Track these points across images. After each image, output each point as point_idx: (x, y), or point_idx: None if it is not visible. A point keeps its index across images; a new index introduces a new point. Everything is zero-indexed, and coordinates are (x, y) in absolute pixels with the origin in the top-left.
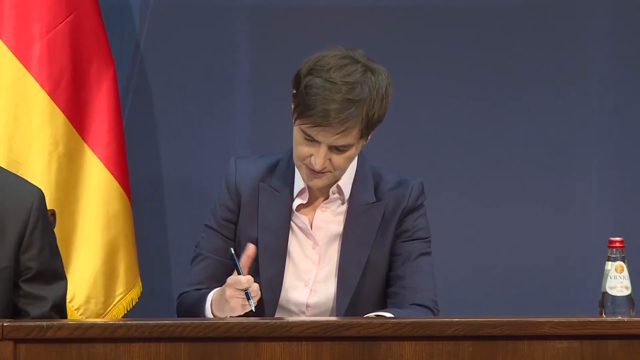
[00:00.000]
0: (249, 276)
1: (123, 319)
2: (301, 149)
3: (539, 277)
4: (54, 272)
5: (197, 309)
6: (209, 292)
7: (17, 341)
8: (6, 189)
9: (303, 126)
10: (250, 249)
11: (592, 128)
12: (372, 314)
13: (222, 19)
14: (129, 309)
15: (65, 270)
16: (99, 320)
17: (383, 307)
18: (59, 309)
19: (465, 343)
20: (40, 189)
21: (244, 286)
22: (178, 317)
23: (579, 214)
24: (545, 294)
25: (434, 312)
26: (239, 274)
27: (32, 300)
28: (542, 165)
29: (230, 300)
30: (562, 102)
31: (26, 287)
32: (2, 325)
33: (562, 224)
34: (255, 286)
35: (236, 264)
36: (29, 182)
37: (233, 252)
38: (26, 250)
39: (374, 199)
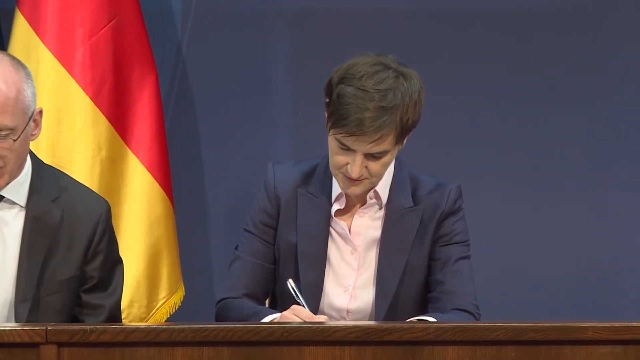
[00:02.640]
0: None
1: (166, 323)
2: (337, 158)
3: (581, 281)
4: (113, 282)
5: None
6: (262, 309)
7: (60, 345)
8: (77, 200)
9: (338, 136)
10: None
11: (635, 129)
12: (414, 319)
13: (263, 23)
14: (171, 313)
15: None
16: (142, 324)
17: (422, 312)
18: (114, 319)
19: (508, 348)
20: (107, 201)
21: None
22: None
23: (622, 218)
24: (588, 298)
25: (476, 317)
26: (298, 303)
27: (89, 310)
28: (585, 169)
29: None
30: (600, 105)
31: (85, 297)
32: (46, 328)
33: (605, 227)
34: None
35: (298, 296)
36: (97, 194)
37: (293, 284)
38: (91, 260)
39: (412, 204)
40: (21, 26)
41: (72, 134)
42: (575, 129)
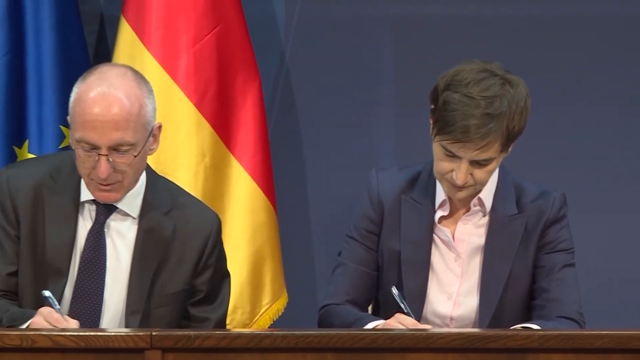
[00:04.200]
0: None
1: (269, 329)
2: (442, 164)
3: None
4: (220, 295)
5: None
6: (365, 315)
7: (165, 350)
8: (189, 213)
9: (443, 142)
10: None
11: None
12: (518, 326)
13: (366, 29)
14: (275, 319)
15: None
16: (246, 330)
17: (526, 320)
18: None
19: (613, 356)
20: (218, 215)
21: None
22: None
23: None
24: None
25: (581, 325)
26: (403, 311)
27: (196, 323)
28: None
29: None
30: None
31: (192, 310)
32: (151, 334)
33: None
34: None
35: (403, 304)
36: (208, 207)
37: (397, 292)
38: (200, 274)
39: (516, 211)
40: (126, 33)
41: (176, 140)
42: None
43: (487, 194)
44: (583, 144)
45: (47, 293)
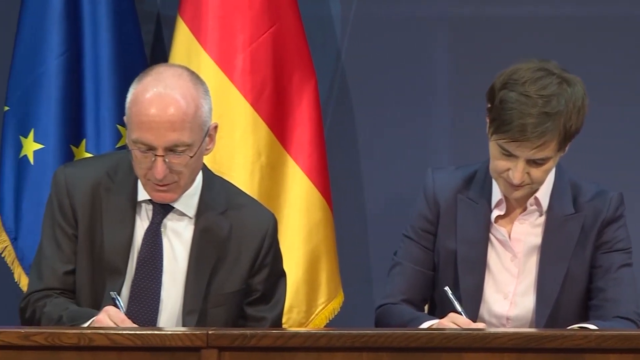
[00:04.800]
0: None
1: (325, 328)
2: (498, 163)
3: None
4: (276, 295)
5: None
6: (421, 315)
7: (221, 349)
8: (245, 213)
9: (500, 141)
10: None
11: None
12: (575, 326)
13: (422, 29)
14: (331, 319)
15: None
16: (302, 330)
17: (583, 320)
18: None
19: None
20: (274, 215)
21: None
22: (376, 327)
23: None
24: None
25: (638, 325)
26: (456, 311)
27: (252, 322)
28: None
29: None
30: None
31: (248, 309)
32: (207, 333)
33: None
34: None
35: (455, 303)
36: (264, 207)
37: (450, 292)
38: (256, 274)
39: (573, 211)
40: (183, 33)
41: (232, 140)
42: None
43: (544, 194)
44: None
45: (114, 294)
